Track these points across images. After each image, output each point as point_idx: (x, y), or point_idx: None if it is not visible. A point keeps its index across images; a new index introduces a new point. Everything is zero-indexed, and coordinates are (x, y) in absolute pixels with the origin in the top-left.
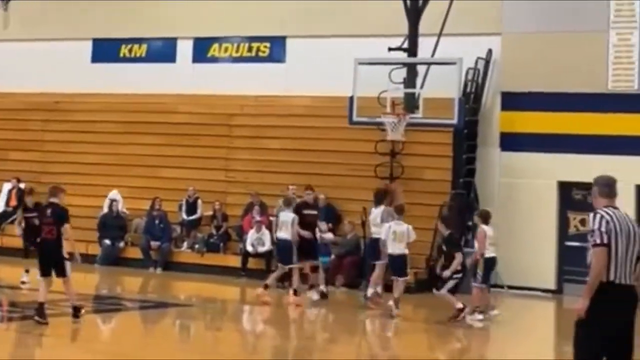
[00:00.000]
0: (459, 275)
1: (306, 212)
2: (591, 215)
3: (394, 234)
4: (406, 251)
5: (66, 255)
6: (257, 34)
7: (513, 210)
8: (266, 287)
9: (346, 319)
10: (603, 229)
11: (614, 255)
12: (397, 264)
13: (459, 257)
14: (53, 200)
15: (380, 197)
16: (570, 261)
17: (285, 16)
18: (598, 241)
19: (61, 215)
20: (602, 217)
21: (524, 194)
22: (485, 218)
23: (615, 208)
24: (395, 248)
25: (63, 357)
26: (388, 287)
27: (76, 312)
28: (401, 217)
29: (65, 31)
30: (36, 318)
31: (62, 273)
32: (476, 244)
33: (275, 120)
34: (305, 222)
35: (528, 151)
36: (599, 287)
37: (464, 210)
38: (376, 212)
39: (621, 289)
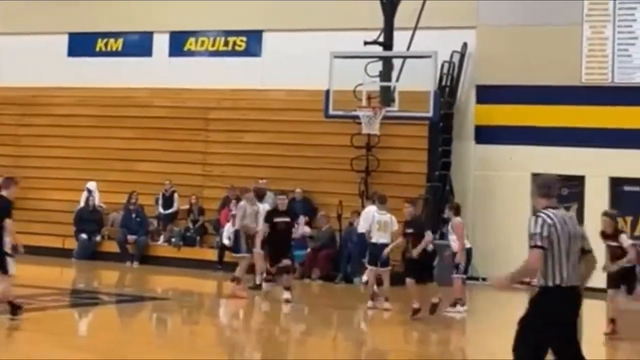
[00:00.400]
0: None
1: (278, 219)
2: (532, 218)
3: (378, 224)
4: (390, 241)
5: (8, 251)
6: (234, 28)
7: (488, 202)
8: (238, 282)
9: (322, 312)
10: (545, 233)
11: (558, 258)
12: (382, 254)
13: (428, 235)
14: (1, 192)
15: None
16: None
17: (262, 10)
18: (539, 243)
19: (2, 209)
20: (544, 221)
21: (499, 187)
22: (458, 210)
23: (556, 208)
24: (379, 237)
25: (39, 352)
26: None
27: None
28: (384, 207)
29: (42, 25)
30: (9, 317)
31: (2, 269)
32: (454, 237)
33: (251, 114)
34: (277, 230)
35: (503, 144)
36: (545, 291)
37: (439, 202)
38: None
39: (567, 291)
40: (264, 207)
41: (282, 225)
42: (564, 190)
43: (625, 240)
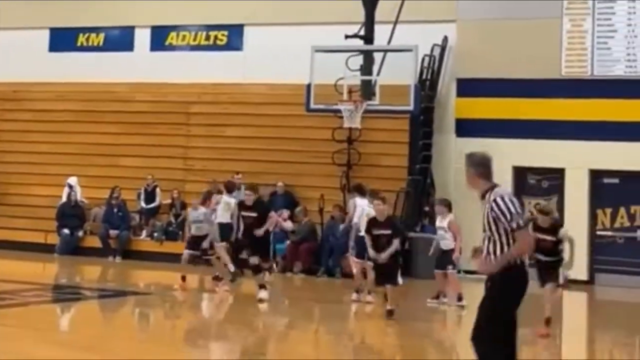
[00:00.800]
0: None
1: (244, 214)
2: (502, 198)
3: (367, 217)
4: None
5: None
6: (215, 22)
7: (468, 195)
8: (217, 279)
9: (305, 306)
10: (520, 210)
11: None
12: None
13: (396, 242)
14: None
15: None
16: None
17: (243, 4)
18: (522, 223)
19: None
20: (510, 199)
21: None
22: (450, 206)
23: (498, 186)
24: None
25: (21, 347)
26: (348, 275)
27: None
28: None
29: (23, 20)
30: None
31: None
32: (449, 234)
33: (233, 108)
34: (244, 224)
35: (483, 137)
36: (512, 269)
37: (420, 196)
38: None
39: (525, 269)
40: (226, 200)
41: (248, 219)
42: (545, 183)
43: (563, 232)
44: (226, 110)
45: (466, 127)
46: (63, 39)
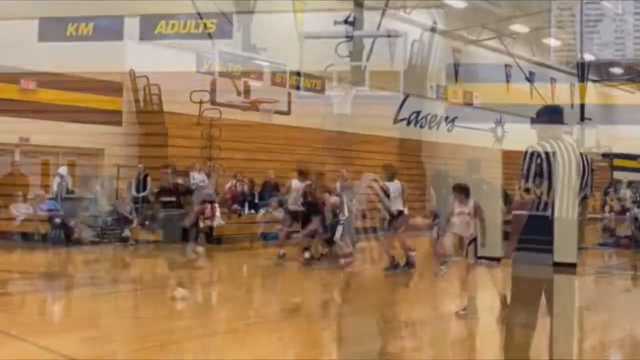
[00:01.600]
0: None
1: (165, 199)
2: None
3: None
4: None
5: None
6: (204, 10)
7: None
8: None
9: (295, 293)
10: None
11: None
12: None
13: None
14: None
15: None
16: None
17: None
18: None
19: None
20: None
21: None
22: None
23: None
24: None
25: (10, 338)
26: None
27: None
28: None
29: (11, 10)
30: None
31: None
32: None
33: (223, 96)
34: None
35: (473, 122)
36: None
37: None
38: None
39: None
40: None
41: (169, 205)
42: (537, 168)
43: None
44: (216, 98)
45: (456, 113)
46: (52, 29)
